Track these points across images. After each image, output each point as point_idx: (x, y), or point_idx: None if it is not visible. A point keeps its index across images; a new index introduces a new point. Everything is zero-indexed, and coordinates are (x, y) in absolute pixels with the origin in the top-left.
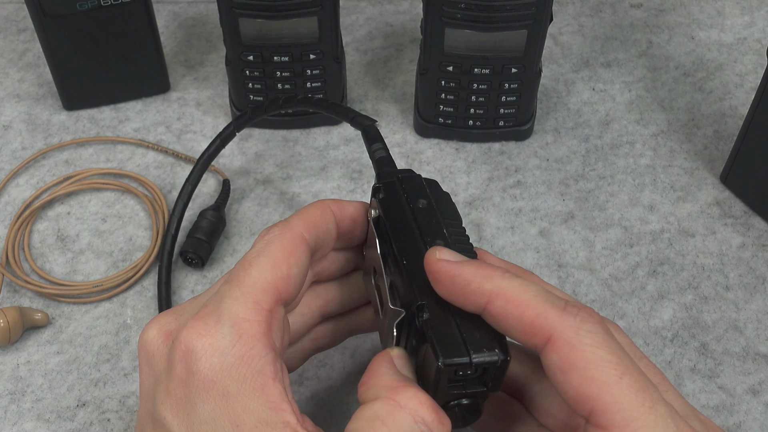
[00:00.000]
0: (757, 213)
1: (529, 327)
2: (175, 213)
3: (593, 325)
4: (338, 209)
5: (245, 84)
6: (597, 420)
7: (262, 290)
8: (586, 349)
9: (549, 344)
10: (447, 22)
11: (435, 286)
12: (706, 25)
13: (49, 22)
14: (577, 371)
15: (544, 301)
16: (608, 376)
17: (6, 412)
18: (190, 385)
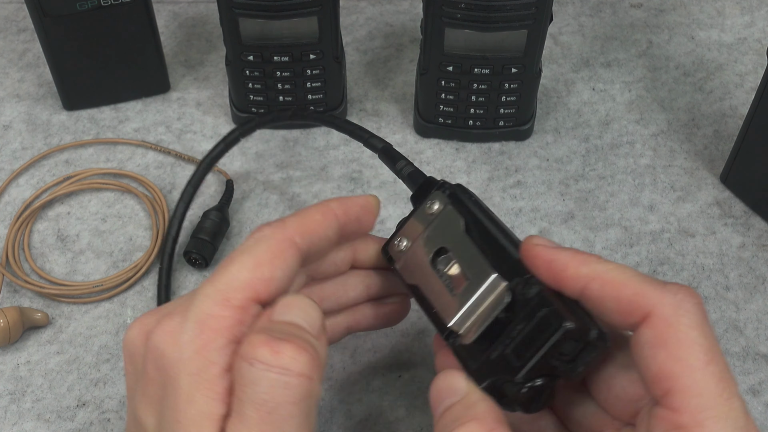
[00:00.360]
0: (757, 213)
1: (627, 305)
2: (176, 215)
3: (693, 305)
4: (343, 213)
5: (245, 84)
6: (671, 401)
7: (235, 288)
8: (681, 329)
9: (646, 321)
10: (447, 22)
11: (533, 270)
12: (706, 25)
13: (49, 22)
14: (666, 349)
15: (642, 281)
16: (696, 359)
17: (6, 412)
18: (159, 383)
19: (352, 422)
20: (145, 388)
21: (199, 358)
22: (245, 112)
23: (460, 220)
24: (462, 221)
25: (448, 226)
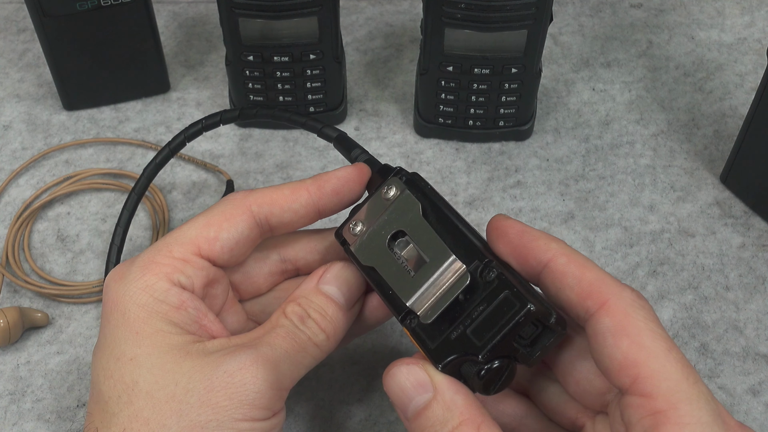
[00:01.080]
0: (757, 213)
1: (587, 287)
2: (120, 223)
3: (646, 303)
4: (316, 188)
5: (245, 84)
6: (640, 387)
7: (180, 242)
8: (639, 319)
9: (603, 308)
10: (447, 22)
11: (499, 240)
12: (706, 25)
13: (49, 22)
14: (628, 337)
15: (603, 271)
16: (658, 346)
17: (6, 412)
18: (103, 314)
19: (352, 422)
20: (101, 327)
21: (146, 294)
22: None
23: (417, 204)
24: (419, 206)
25: (405, 210)
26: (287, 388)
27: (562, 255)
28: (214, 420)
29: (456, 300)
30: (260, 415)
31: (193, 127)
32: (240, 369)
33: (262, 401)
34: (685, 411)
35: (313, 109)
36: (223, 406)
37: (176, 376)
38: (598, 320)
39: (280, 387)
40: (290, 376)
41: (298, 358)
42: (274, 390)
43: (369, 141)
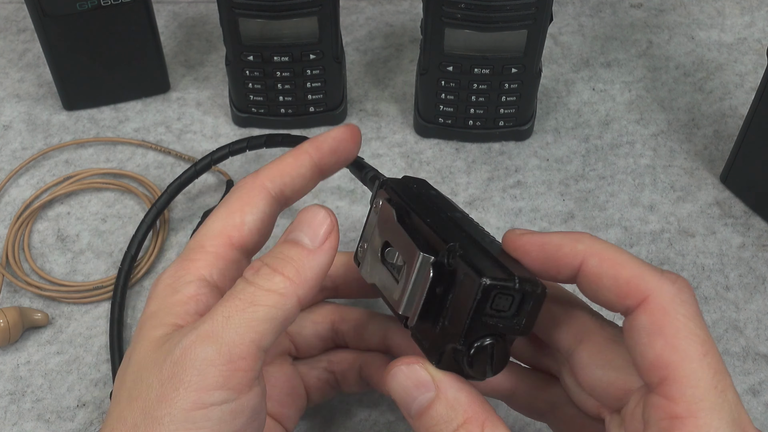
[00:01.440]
0: (757, 213)
1: (625, 286)
2: (134, 241)
3: (689, 296)
4: (315, 150)
5: (245, 84)
6: (666, 389)
7: (209, 236)
8: (678, 318)
9: (642, 305)
10: (447, 22)
11: (525, 259)
12: (706, 25)
13: (49, 22)
14: (664, 337)
15: (640, 263)
16: (693, 350)
17: (6, 412)
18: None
19: (352, 422)
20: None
21: (167, 288)
22: (245, 112)
23: (392, 210)
24: (393, 211)
25: (386, 219)
26: (247, 357)
27: (592, 256)
28: (168, 414)
29: (434, 294)
30: (215, 398)
31: (220, 152)
32: (182, 355)
33: (209, 382)
34: (704, 421)
35: (313, 109)
36: (173, 398)
37: (143, 372)
38: (636, 317)
39: (231, 360)
40: (243, 341)
41: (248, 316)
42: (223, 366)
43: (369, 141)
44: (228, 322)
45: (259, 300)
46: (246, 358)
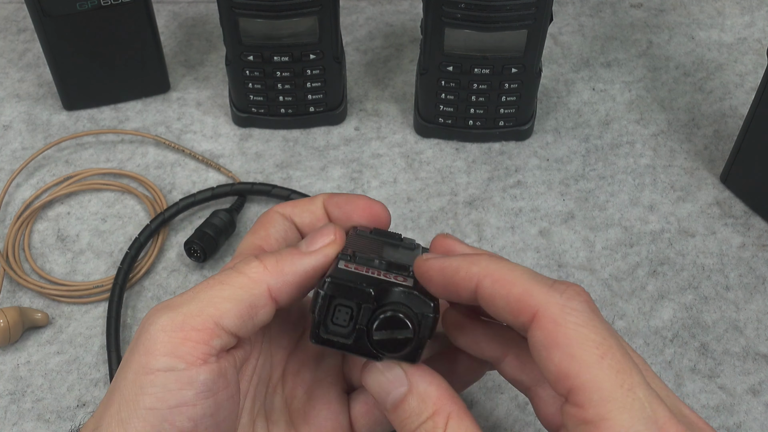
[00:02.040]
0: (757, 213)
1: (516, 304)
2: (130, 250)
3: (579, 303)
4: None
5: (245, 84)
6: (575, 398)
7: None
8: (569, 327)
9: (534, 321)
10: (447, 22)
11: (428, 284)
12: (706, 25)
13: (49, 22)
14: (559, 348)
15: (530, 279)
16: (589, 355)
17: (6, 412)
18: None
19: None
20: None
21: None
22: (245, 112)
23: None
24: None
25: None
26: (201, 329)
27: (485, 277)
28: (123, 379)
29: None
30: (161, 364)
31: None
32: (144, 323)
33: (156, 347)
34: (615, 421)
35: (313, 109)
36: (129, 364)
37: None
38: (532, 333)
39: (183, 328)
40: (200, 314)
41: (213, 292)
42: (173, 332)
43: (369, 141)
44: (193, 296)
45: (228, 280)
46: (200, 330)
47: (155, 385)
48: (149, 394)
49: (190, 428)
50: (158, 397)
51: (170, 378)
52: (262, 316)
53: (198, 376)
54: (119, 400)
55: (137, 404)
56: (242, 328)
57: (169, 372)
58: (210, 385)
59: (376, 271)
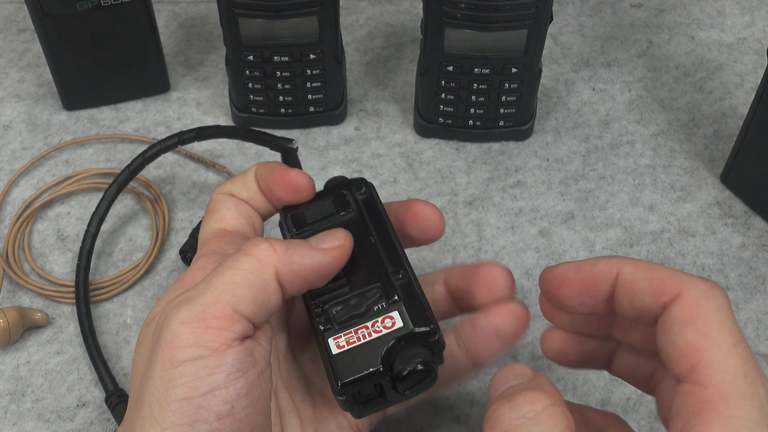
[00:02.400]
0: (757, 213)
1: (659, 285)
2: (89, 230)
3: (722, 295)
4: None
5: (245, 84)
6: (696, 375)
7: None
8: (710, 310)
9: (676, 300)
10: (447, 22)
11: (565, 289)
12: (706, 25)
13: (49, 22)
14: (695, 326)
15: (673, 269)
16: (724, 339)
17: (6, 412)
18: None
19: None
20: None
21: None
22: (245, 112)
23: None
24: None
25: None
26: (221, 317)
27: (626, 264)
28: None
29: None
30: (187, 355)
31: (152, 149)
32: (164, 320)
33: (180, 340)
34: (735, 404)
35: (313, 109)
36: (154, 362)
37: (140, 349)
38: (670, 310)
39: (204, 318)
40: (218, 302)
41: (226, 279)
42: (194, 323)
43: (369, 141)
44: (208, 286)
45: (238, 264)
46: (220, 318)
47: (184, 376)
48: (180, 385)
49: (227, 411)
50: (189, 386)
51: (198, 366)
52: (273, 302)
53: (226, 359)
54: (150, 400)
55: (169, 398)
56: (258, 314)
57: (197, 360)
58: (239, 365)
59: (362, 326)
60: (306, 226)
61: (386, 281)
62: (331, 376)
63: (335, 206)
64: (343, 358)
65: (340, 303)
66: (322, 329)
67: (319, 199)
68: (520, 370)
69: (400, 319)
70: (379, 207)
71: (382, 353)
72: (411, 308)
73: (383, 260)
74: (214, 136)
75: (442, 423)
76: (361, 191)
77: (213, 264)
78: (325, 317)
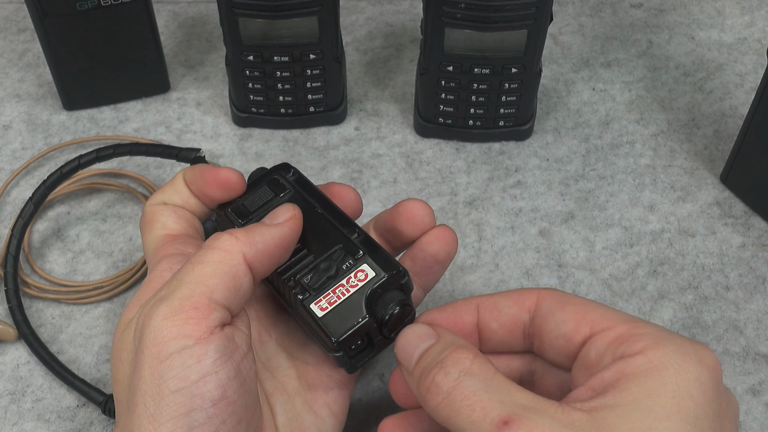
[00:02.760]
0: (757, 213)
1: (517, 298)
2: (14, 233)
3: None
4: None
5: (245, 84)
6: (600, 326)
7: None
8: (573, 295)
9: (539, 299)
10: (447, 22)
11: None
12: (706, 25)
13: (49, 22)
14: (573, 304)
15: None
16: (599, 305)
17: (6, 412)
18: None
19: (352, 422)
20: None
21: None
22: (245, 112)
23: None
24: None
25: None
26: (199, 306)
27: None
28: (141, 378)
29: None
30: (173, 348)
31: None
32: (144, 322)
33: (164, 335)
34: (642, 328)
35: (313, 109)
36: (141, 362)
37: (120, 354)
38: (539, 307)
39: (183, 310)
40: (193, 294)
41: (197, 272)
42: (175, 316)
43: (369, 141)
44: (181, 282)
45: (206, 258)
46: (198, 308)
47: (173, 368)
48: (170, 378)
49: (220, 395)
50: (180, 377)
51: (185, 356)
52: (245, 286)
53: (210, 345)
54: (143, 399)
55: (162, 393)
56: (233, 301)
57: (183, 351)
58: (223, 350)
59: (338, 285)
60: (250, 214)
61: (346, 241)
62: (325, 337)
63: (272, 190)
64: (331, 318)
65: (310, 271)
66: (302, 299)
67: (253, 189)
68: (421, 331)
69: (370, 269)
70: (312, 184)
71: (363, 304)
72: (377, 258)
73: (335, 225)
74: (115, 156)
75: None
76: (289, 173)
77: (178, 264)
78: (300, 287)
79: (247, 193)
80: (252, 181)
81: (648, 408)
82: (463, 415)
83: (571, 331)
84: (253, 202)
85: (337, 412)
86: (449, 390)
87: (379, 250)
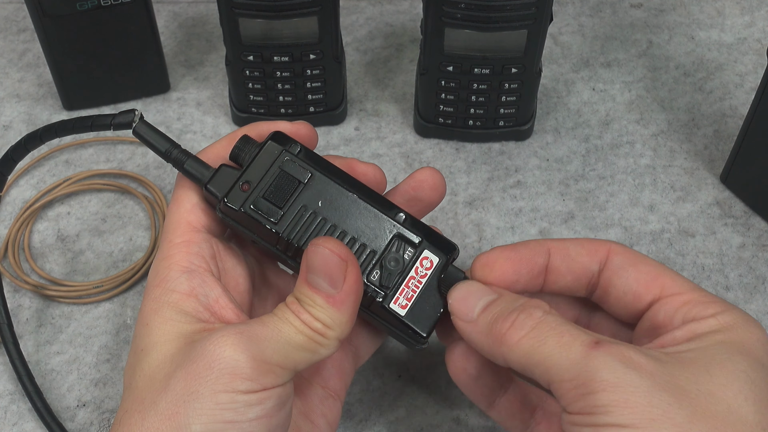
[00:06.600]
0: (757, 213)
1: (588, 247)
2: None
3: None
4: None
5: (245, 84)
6: (670, 290)
7: (173, 229)
8: (642, 254)
9: (610, 254)
10: (447, 22)
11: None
12: (706, 25)
13: (49, 22)
14: (645, 263)
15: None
16: (667, 268)
17: (6, 412)
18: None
19: (352, 422)
20: None
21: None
22: (245, 112)
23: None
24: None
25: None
26: (278, 364)
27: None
28: (195, 392)
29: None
30: (243, 386)
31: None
32: (218, 340)
33: (242, 371)
34: (710, 296)
35: (313, 109)
36: (202, 376)
37: (176, 358)
38: (610, 261)
39: (265, 360)
40: (278, 356)
41: (282, 345)
42: (256, 362)
43: (369, 141)
44: (269, 338)
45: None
46: (279, 367)
47: (236, 402)
48: (228, 409)
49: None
50: (239, 411)
51: (252, 398)
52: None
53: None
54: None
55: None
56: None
57: (249, 393)
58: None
59: (410, 278)
60: (280, 210)
61: (396, 228)
62: (413, 334)
63: (293, 176)
64: (413, 314)
65: (374, 267)
66: (381, 301)
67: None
68: (477, 287)
69: (433, 255)
70: (327, 161)
71: (438, 292)
72: (434, 241)
73: (376, 210)
74: (44, 140)
75: (442, 423)
76: (297, 150)
77: (202, 288)
78: (372, 288)
79: (263, 181)
80: (257, 160)
81: (724, 354)
82: (551, 341)
83: (642, 290)
84: (278, 196)
85: (332, 421)
86: (535, 324)
87: (430, 230)
